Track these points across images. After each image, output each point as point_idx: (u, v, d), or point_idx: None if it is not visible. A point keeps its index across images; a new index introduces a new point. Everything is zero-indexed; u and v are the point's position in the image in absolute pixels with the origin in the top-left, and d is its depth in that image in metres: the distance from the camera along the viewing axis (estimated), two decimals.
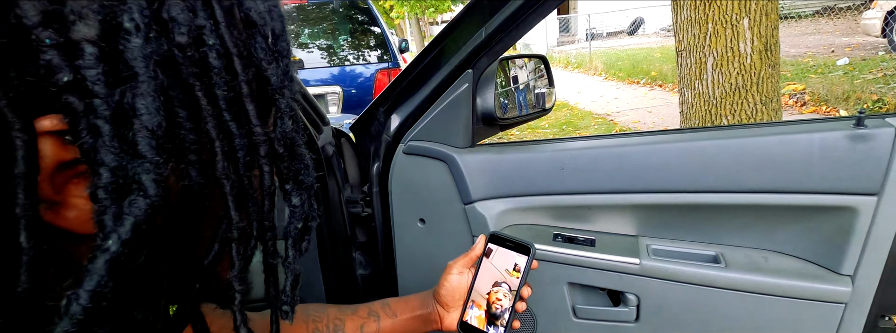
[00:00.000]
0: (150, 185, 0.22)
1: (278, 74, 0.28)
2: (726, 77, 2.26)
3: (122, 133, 0.22)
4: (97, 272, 0.22)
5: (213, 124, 0.25)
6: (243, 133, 0.27)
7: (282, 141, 0.29)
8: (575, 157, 0.87)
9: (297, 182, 0.32)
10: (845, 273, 0.76)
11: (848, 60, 5.92)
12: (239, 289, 0.29)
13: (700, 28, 2.26)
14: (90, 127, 0.21)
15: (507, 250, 0.69)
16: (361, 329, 0.69)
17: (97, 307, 0.22)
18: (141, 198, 0.22)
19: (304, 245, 0.34)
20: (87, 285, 0.22)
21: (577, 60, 11.22)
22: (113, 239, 0.22)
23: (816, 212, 0.77)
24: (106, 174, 0.22)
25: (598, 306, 0.90)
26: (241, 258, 0.29)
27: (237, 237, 0.28)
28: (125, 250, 0.22)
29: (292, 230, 0.33)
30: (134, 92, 0.22)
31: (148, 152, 0.22)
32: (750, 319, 0.80)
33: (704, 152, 0.80)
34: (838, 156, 0.73)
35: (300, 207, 0.32)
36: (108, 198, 0.22)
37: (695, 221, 0.87)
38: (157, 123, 0.22)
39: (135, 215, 0.22)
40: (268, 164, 0.29)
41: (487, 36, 0.84)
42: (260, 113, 0.27)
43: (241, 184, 0.27)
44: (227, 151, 0.26)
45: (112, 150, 0.22)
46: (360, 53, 4.40)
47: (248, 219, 0.29)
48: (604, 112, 6.12)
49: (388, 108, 1.00)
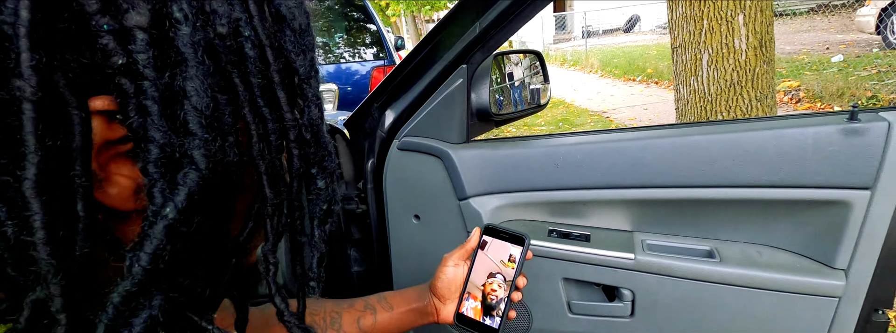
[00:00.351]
0: (200, 159, 0.25)
1: (305, 65, 0.31)
2: (721, 74, 2.26)
3: (169, 113, 0.24)
4: (156, 237, 0.24)
5: (249, 109, 0.28)
6: (275, 118, 0.29)
7: (309, 128, 0.32)
8: (569, 152, 0.87)
9: (322, 167, 0.34)
10: (839, 267, 0.76)
11: (842, 57, 5.94)
12: (273, 262, 0.32)
13: (695, 24, 2.26)
14: (139, 107, 0.23)
15: (502, 241, 0.69)
16: (358, 323, 0.69)
17: (155, 269, 0.24)
18: (193, 171, 0.25)
19: (329, 227, 0.37)
20: (148, 247, 0.24)
21: (574, 58, 11.23)
22: (170, 207, 0.24)
23: (810, 206, 0.78)
24: (155, 150, 0.24)
25: (594, 301, 0.90)
26: (274, 233, 0.31)
27: (271, 213, 0.30)
28: (181, 217, 0.25)
29: (318, 212, 0.35)
30: (184, 75, 0.24)
31: (198, 130, 0.25)
32: (744, 313, 0.80)
33: (698, 146, 0.80)
34: (832, 150, 0.73)
35: (325, 190, 0.34)
36: (157, 172, 0.24)
37: (689, 216, 0.87)
38: (205, 104, 0.25)
39: (188, 185, 0.25)
40: (297, 148, 0.31)
41: (481, 31, 0.83)
42: (290, 101, 0.30)
43: (273, 165, 0.30)
44: (261, 133, 0.29)
45: (160, 128, 0.24)
46: (355, 51, 4.39)
47: (280, 198, 0.31)
48: (600, 109, 6.13)
49: (383, 103, 0.99)
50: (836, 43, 7.18)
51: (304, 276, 0.36)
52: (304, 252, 0.36)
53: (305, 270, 0.36)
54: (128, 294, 0.24)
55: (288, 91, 0.30)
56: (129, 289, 0.24)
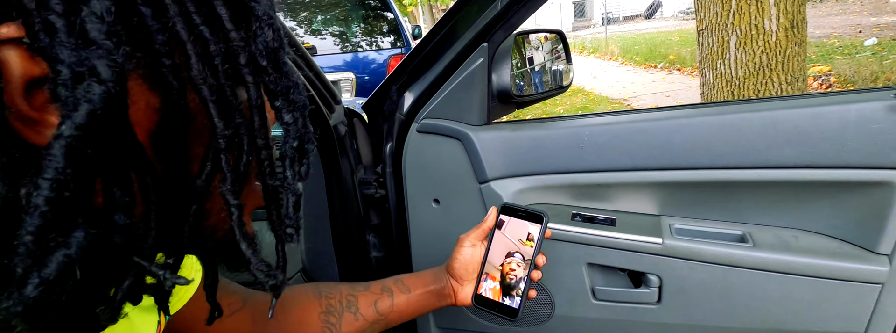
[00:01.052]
0: (103, 69, 0.22)
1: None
2: (750, 56, 2.18)
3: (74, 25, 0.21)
4: (55, 160, 0.21)
5: (181, 25, 0.25)
6: (218, 39, 0.26)
7: (263, 52, 0.28)
8: (594, 133, 0.84)
9: (288, 100, 0.31)
10: (882, 253, 0.72)
11: (876, 39, 5.72)
12: (234, 204, 0.28)
13: (723, 5, 2.18)
14: (45, 24, 0.21)
15: (520, 220, 0.68)
16: (375, 305, 0.68)
17: (60, 198, 0.21)
18: (94, 83, 0.22)
19: (303, 169, 0.34)
20: (47, 173, 0.21)
21: (593, 45, 11.04)
22: (67, 124, 0.21)
23: (851, 188, 0.73)
24: (65, 71, 0.21)
25: (619, 287, 0.88)
26: (231, 170, 0.28)
27: (224, 147, 0.27)
28: (81, 134, 0.21)
29: (288, 150, 0.32)
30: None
31: (98, 37, 0.22)
32: (779, 300, 0.77)
33: (730, 126, 0.76)
34: (876, 128, 0.69)
35: (293, 124, 0.32)
36: (69, 94, 0.21)
37: (720, 199, 0.84)
38: (105, 8, 0.22)
39: (89, 99, 0.21)
40: (250, 75, 0.28)
41: (503, 7, 0.80)
42: (234, 18, 0.27)
43: (221, 92, 0.27)
44: (201, 54, 0.26)
45: (68, 45, 0.21)
46: (372, 40, 4.37)
47: (234, 130, 0.28)
48: (620, 97, 6.02)
49: (401, 85, 0.97)
50: (870, 26, 6.91)
51: (281, 223, 0.33)
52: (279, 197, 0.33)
53: (281, 217, 0.33)
54: (37, 231, 0.21)
55: (231, 7, 0.27)
56: (36, 224, 0.21)
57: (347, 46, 4.29)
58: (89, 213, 0.24)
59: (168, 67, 0.25)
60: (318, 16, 4.39)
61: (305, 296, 0.66)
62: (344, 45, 4.29)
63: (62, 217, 0.22)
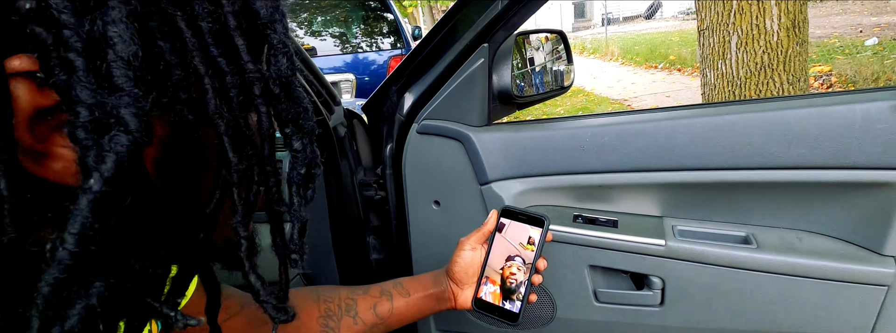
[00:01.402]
0: (130, 119, 0.21)
1: (267, 7, 0.26)
2: (751, 56, 2.17)
3: (97, 67, 0.20)
4: (81, 214, 0.21)
5: (200, 59, 0.24)
6: (234, 70, 0.25)
7: (277, 81, 0.28)
8: (596, 134, 0.83)
9: (298, 126, 0.30)
10: (889, 254, 0.71)
11: (877, 39, 5.70)
12: (244, 236, 0.28)
13: (724, 5, 2.17)
14: (62, 62, 0.20)
15: (521, 223, 0.67)
16: (374, 309, 0.67)
17: (85, 251, 0.21)
18: (122, 134, 0.21)
19: (310, 193, 0.33)
20: (72, 227, 0.20)
21: (593, 46, 11.04)
22: (95, 178, 0.21)
23: (857, 189, 0.73)
24: (84, 112, 0.20)
25: (621, 289, 0.87)
26: (242, 202, 0.28)
27: (237, 180, 0.27)
28: (109, 189, 0.21)
29: (295, 176, 0.31)
30: (104, 19, 0.20)
31: (125, 84, 0.21)
32: (783, 302, 0.76)
33: (734, 126, 0.76)
34: (881, 128, 0.68)
35: (302, 151, 0.31)
36: (89, 138, 0.20)
37: (723, 200, 0.83)
38: (132, 53, 0.21)
39: (116, 151, 0.21)
40: (264, 105, 0.27)
41: (504, 7, 0.80)
42: (251, 49, 0.26)
43: (236, 125, 0.26)
44: (217, 88, 0.25)
45: (88, 86, 0.20)
46: (372, 41, 4.36)
47: (247, 162, 0.27)
48: (621, 97, 6.01)
49: (401, 86, 0.97)
50: (870, 26, 6.90)
51: (285, 248, 0.33)
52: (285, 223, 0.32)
53: (285, 242, 0.33)
54: (57, 283, 0.21)
55: (248, 38, 0.26)
56: (57, 277, 0.20)
57: (347, 46, 4.29)
58: (109, 261, 0.23)
59: (183, 100, 0.24)
60: (319, 17, 4.38)
61: (304, 300, 0.65)
62: (344, 46, 4.29)
63: (84, 269, 0.21)
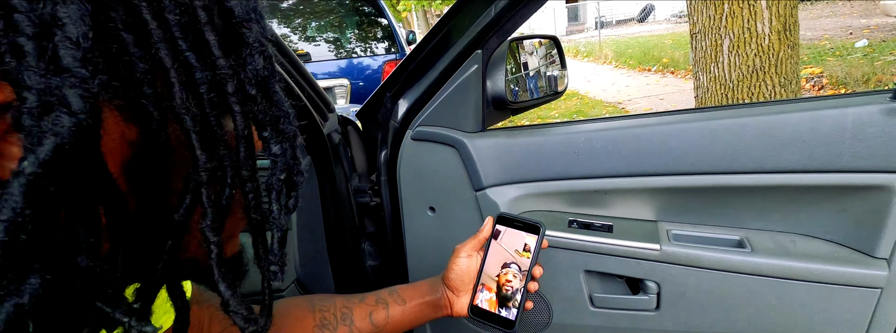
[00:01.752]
0: (74, 99, 0.20)
1: (243, 5, 0.26)
2: (743, 59, 2.19)
3: (45, 48, 0.19)
4: (12, 200, 0.19)
5: (165, 52, 0.23)
6: (205, 66, 0.24)
7: (253, 80, 0.27)
8: (590, 139, 0.83)
9: (277, 130, 0.29)
10: (881, 256, 0.71)
11: (867, 41, 5.76)
12: (213, 241, 0.26)
13: (715, 9, 2.19)
14: (12, 47, 0.19)
15: (516, 230, 0.67)
16: (370, 317, 0.67)
17: (15, 241, 0.19)
18: (64, 115, 0.20)
19: (292, 202, 0.32)
20: (2, 213, 0.19)
21: (587, 49, 11.09)
22: (30, 160, 0.19)
23: (849, 192, 0.73)
24: (32, 98, 0.19)
25: (617, 294, 0.87)
26: (212, 205, 0.26)
27: (206, 180, 0.26)
28: (44, 172, 0.19)
29: (275, 182, 0.30)
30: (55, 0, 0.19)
31: (71, 65, 0.20)
32: (778, 306, 0.76)
33: (727, 131, 0.76)
34: (873, 132, 0.68)
35: (282, 156, 0.30)
36: (35, 124, 0.19)
37: (717, 204, 0.83)
38: (81, 34, 0.20)
39: (56, 132, 0.19)
40: (238, 104, 0.26)
41: (497, 14, 0.80)
42: (223, 45, 0.25)
43: (206, 122, 0.25)
44: (185, 82, 0.24)
45: (37, 70, 0.19)
46: (367, 46, 4.37)
47: (218, 163, 0.26)
48: (615, 101, 6.03)
49: (395, 93, 0.97)
50: (860, 28, 6.97)
51: (264, 260, 0.31)
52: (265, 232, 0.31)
53: (266, 252, 0.31)
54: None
55: (221, 34, 0.25)
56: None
57: (342, 52, 4.29)
58: (47, 256, 0.21)
59: (148, 95, 0.23)
60: (313, 22, 4.38)
61: (299, 309, 0.64)
62: (338, 51, 4.29)
63: (15, 262, 0.20)
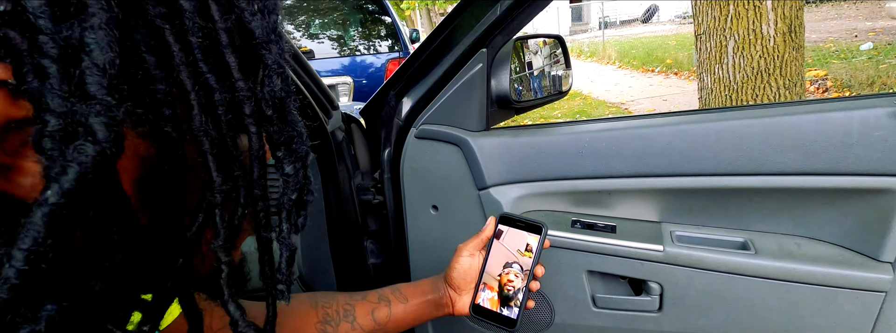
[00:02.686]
0: (99, 128, 0.20)
1: (264, 27, 0.25)
2: (748, 61, 2.18)
3: (71, 74, 0.19)
4: (34, 229, 0.19)
5: (186, 74, 0.23)
6: (224, 88, 0.24)
7: (270, 102, 0.27)
8: (594, 140, 0.83)
9: (290, 150, 0.29)
10: (886, 260, 0.71)
11: (872, 44, 5.74)
12: (225, 261, 0.27)
13: (721, 10, 2.18)
14: (36, 68, 0.19)
15: (518, 230, 0.67)
16: (372, 314, 0.67)
17: (35, 270, 0.19)
18: (89, 143, 0.19)
19: (301, 220, 0.32)
20: (22, 243, 0.19)
21: (591, 49, 11.07)
22: (53, 189, 0.19)
23: (854, 195, 0.73)
24: (53, 121, 0.19)
25: (619, 295, 0.87)
26: (225, 225, 0.26)
27: (220, 202, 0.26)
28: (67, 201, 0.19)
29: (286, 202, 0.30)
30: (83, 25, 0.19)
31: (97, 92, 0.20)
32: (781, 308, 0.76)
33: (732, 132, 0.76)
34: (880, 135, 0.68)
35: (294, 176, 0.30)
36: (55, 147, 0.19)
37: (722, 205, 0.83)
38: (108, 60, 0.20)
39: (80, 162, 0.19)
40: (255, 125, 0.26)
41: (502, 12, 0.80)
42: (243, 67, 0.25)
43: (223, 144, 0.25)
44: (204, 104, 0.24)
45: (60, 93, 0.19)
46: (370, 43, 4.37)
47: (233, 183, 0.26)
48: (618, 101, 6.02)
49: (400, 91, 0.97)
50: (865, 30, 6.94)
51: (272, 278, 0.31)
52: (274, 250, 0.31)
53: (273, 271, 0.31)
54: (2, 304, 0.19)
55: (241, 56, 0.25)
56: (1, 297, 0.18)
57: (345, 49, 4.29)
58: (63, 281, 0.21)
59: (167, 117, 0.23)
60: (316, 20, 4.39)
61: (302, 306, 0.65)
62: (342, 49, 4.29)
63: (33, 289, 0.19)
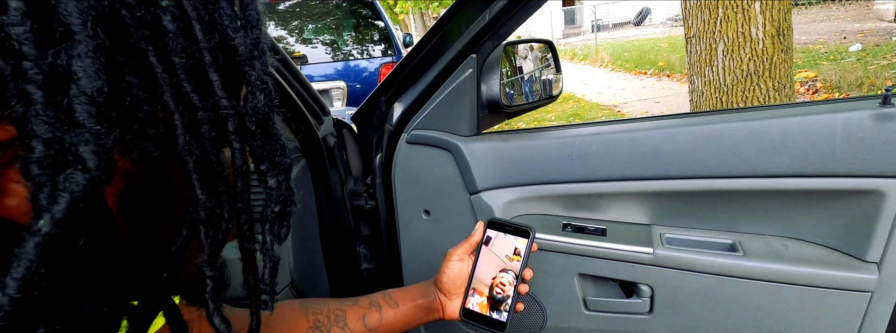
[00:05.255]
0: (89, 157, 0.20)
1: (247, 44, 0.26)
2: (737, 63, 2.21)
3: (57, 100, 0.19)
4: (26, 258, 0.19)
5: (170, 94, 0.23)
6: (208, 106, 0.24)
7: (253, 117, 0.27)
8: (584, 144, 0.84)
9: (273, 163, 0.29)
10: (871, 260, 0.72)
11: (860, 45, 5.81)
12: (210, 275, 0.27)
13: (710, 13, 2.20)
14: (20, 94, 0.19)
15: (507, 235, 0.68)
16: (363, 320, 0.67)
17: (28, 297, 0.19)
18: (79, 172, 0.20)
19: (284, 231, 0.32)
20: (15, 272, 0.19)
21: (583, 52, 11.13)
22: (45, 219, 0.19)
23: (839, 196, 0.74)
24: (39, 147, 0.19)
25: (610, 297, 0.87)
26: (210, 241, 0.26)
27: (205, 218, 0.26)
28: (59, 231, 0.19)
29: (269, 214, 0.30)
30: (70, 53, 0.19)
31: (86, 121, 0.20)
32: (770, 309, 0.77)
33: (719, 135, 0.77)
34: (864, 137, 0.69)
35: (277, 189, 0.30)
36: (43, 174, 0.19)
37: (710, 208, 0.84)
38: (96, 88, 0.20)
39: (71, 191, 0.20)
40: (238, 141, 0.26)
41: (491, 18, 0.80)
42: (226, 85, 0.25)
43: (207, 161, 0.25)
44: (188, 124, 0.24)
45: (46, 119, 0.19)
46: (363, 48, 4.37)
47: (217, 200, 0.26)
48: (611, 103, 6.06)
49: (391, 96, 0.97)
50: (854, 32, 7.02)
51: (256, 289, 0.32)
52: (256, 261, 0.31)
53: (257, 282, 0.31)
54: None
55: (224, 74, 0.25)
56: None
57: (338, 54, 4.29)
58: (54, 305, 0.21)
59: (151, 136, 0.23)
60: (310, 24, 4.39)
61: (292, 312, 0.65)
62: (335, 53, 4.29)
63: (25, 315, 0.20)
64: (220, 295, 0.28)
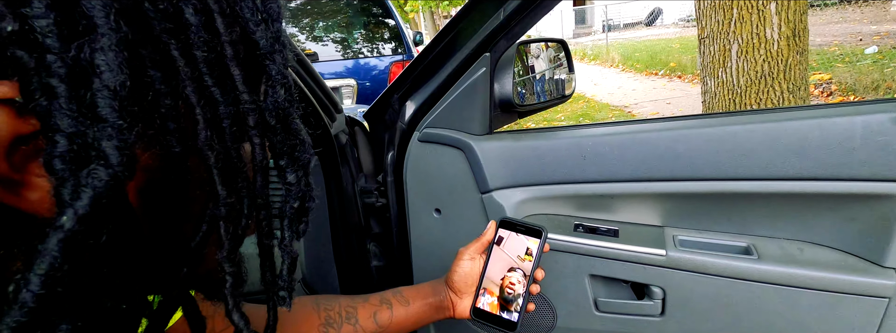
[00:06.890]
0: (112, 152, 0.20)
1: (268, 37, 0.25)
2: (752, 65, 2.18)
3: (80, 94, 0.19)
4: (50, 254, 0.19)
5: (192, 89, 0.23)
6: (229, 100, 0.24)
7: (274, 112, 0.27)
8: (597, 144, 0.83)
9: (293, 158, 0.29)
10: (889, 266, 0.71)
11: (877, 48, 5.72)
12: (230, 271, 0.27)
13: (724, 13, 2.18)
14: (43, 87, 0.19)
15: (519, 234, 0.68)
16: (374, 317, 0.67)
17: (51, 293, 0.19)
18: (101, 167, 0.20)
19: (302, 227, 0.32)
20: (39, 268, 0.19)
21: (594, 52, 11.07)
22: (68, 215, 0.19)
23: (858, 200, 0.73)
24: (63, 141, 0.19)
25: (622, 299, 0.87)
26: (230, 237, 0.26)
27: (225, 214, 0.26)
28: (82, 227, 0.19)
29: (288, 210, 0.30)
30: (93, 46, 0.19)
31: (109, 115, 0.20)
32: (784, 314, 0.76)
33: (735, 137, 0.76)
34: (883, 140, 0.68)
35: (296, 185, 0.30)
36: (66, 169, 0.19)
37: (725, 210, 0.83)
38: (119, 82, 0.20)
39: (94, 186, 0.19)
40: (258, 136, 0.26)
41: (505, 18, 0.80)
42: (247, 79, 0.25)
43: (227, 156, 0.25)
44: (209, 119, 0.24)
45: (69, 113, 0.19)
46: (374, 46, 4.38)
47: (237, 195, 0.26)
48: (621, 104, 6.02)
49: (403, 94, 0.97)
50: (870, 34, 6.92)
51: (273, 285, 0.31)
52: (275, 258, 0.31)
53: (274, 277, 0.31)
54: (18, 327, 0.19)
55: (245, 68, 0.25)
56: (18, 320, 0.19)
57: (349, 52, 4.30)
58: (76, 301, 0.21)
59: (172, 130, 0.23)
60: (320, 22, 4.40)
61: (304, 308, 0.65)
62: (345, 51, 4.30)
63: (48, 311, 0.20)
64: (239, 291, 0.28)
